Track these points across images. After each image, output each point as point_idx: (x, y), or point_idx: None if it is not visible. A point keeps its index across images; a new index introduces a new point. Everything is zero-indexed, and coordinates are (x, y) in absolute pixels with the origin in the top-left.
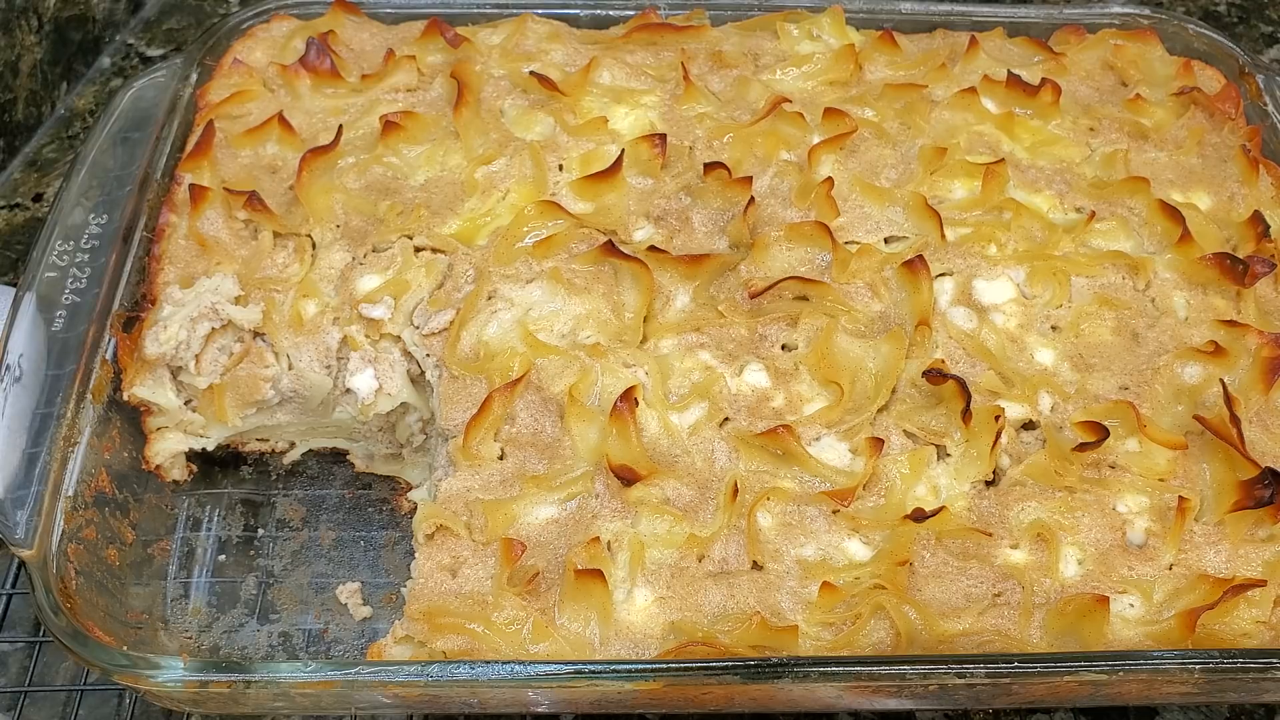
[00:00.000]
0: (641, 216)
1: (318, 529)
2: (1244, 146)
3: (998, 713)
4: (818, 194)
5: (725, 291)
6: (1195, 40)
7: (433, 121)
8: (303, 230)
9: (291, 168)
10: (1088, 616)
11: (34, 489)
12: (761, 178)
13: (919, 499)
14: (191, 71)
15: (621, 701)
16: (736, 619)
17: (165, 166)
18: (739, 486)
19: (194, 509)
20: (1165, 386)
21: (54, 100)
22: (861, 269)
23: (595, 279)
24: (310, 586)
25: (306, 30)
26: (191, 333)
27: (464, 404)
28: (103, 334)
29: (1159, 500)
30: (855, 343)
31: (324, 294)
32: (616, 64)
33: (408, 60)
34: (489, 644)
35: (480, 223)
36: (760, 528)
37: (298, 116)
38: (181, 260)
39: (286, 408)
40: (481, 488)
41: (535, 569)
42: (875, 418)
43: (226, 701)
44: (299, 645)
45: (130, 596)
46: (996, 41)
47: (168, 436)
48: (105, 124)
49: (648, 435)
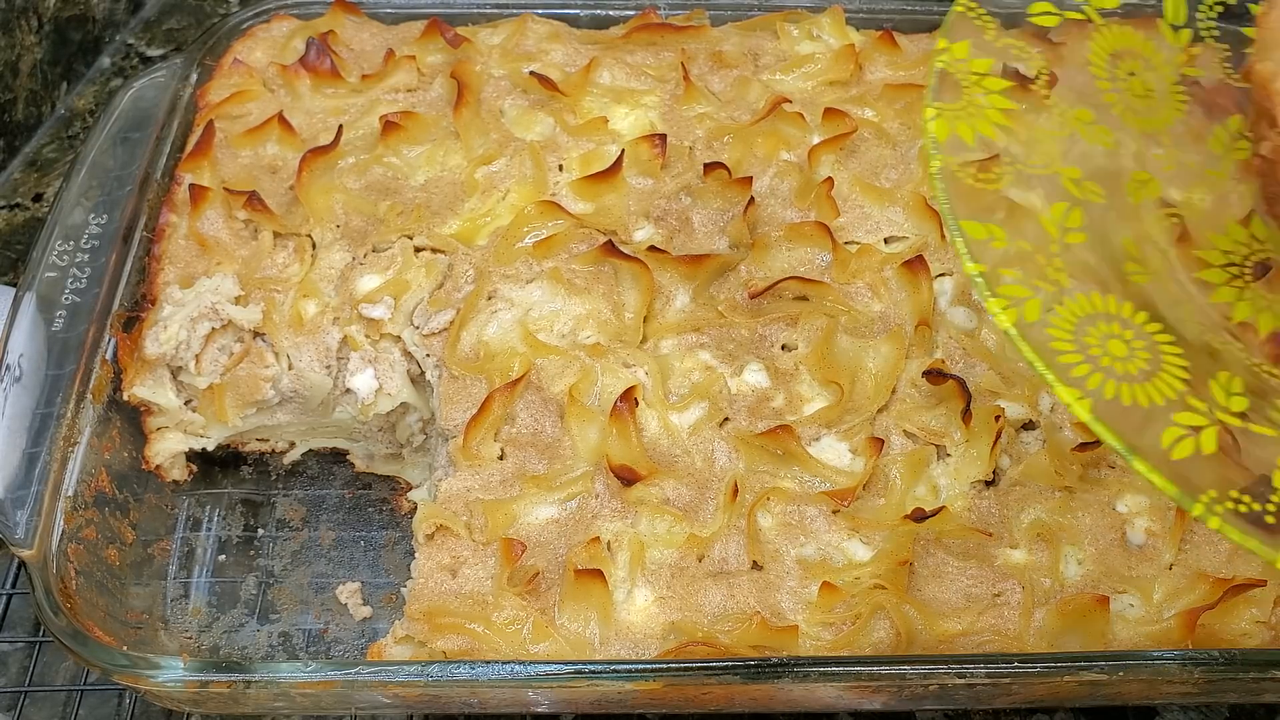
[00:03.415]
0: (641, 216)
1: (318, 529)
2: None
3: (998, 713)
4: (818, 194)
5: (725, 291)
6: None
7: (433, 122)
8: (303, 230)
9: (291, 168)
10: (1088, 616)
11: (34, 489)
12: (761, 178)
13: (919, 499)
14: (191, 71)
15: (621, 701)
16: (736, 619)
17: (165, 166)
18: (739, 486)
19: (194, 509)
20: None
21: (54, 100)
22: (861, 269)
23: (595, 279)
24: (310, 586)
25: (306, 30)
26: (191, 333)
27: (464, 404)
28: (103, 334)
29: (1159, 500)
30: (855, 343)
31: (324, 294)
32: (616, 64)
33: (408, 60)
34: (489, 644)
35: (480, 223)
36: (760, 528)
37: (298, 116)
38: (181, 260)
39: (286, 408)
40: (481, 488)
41: (535, 569)
42: (875, 418)
43: (226, 701)
44: (299, 645)
45: (130, 596)
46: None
47: (168, 436)
48: (105, 124)
49: (648, 435)
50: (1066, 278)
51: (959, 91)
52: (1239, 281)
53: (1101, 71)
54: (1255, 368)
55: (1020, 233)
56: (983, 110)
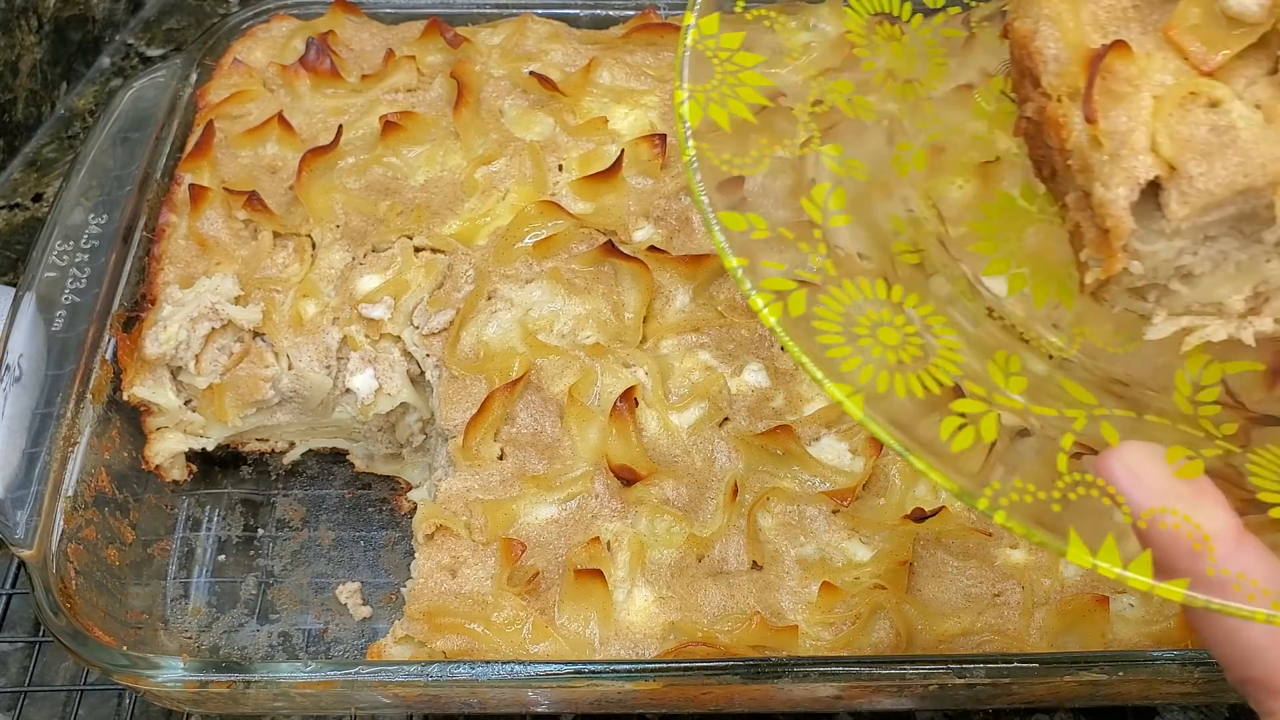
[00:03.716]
0: (641, 216)
1: (318, 529)
2: None
3: (998, 713)
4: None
5: (725, 291)
6: None
7: (432, 122)
8: (303, 230)
9: (291, 168)
10: (1088, 616)
11: (34, 489)
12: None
13: (919, 499)
14: (191, 72)
15: (621, 701)
16: (736, 619)
17: (165, 166)
18: (739, 486)
19: (194, 509)
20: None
21: (54, 100)
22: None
23: (595, 279)
24: (310, 586)
25: (306, 30)
26: (191, 333)
27: (464, 404)
28: (102, 334)
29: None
30: None
31: (324, 294)
32: (616, 64)
33: (407, 60)
34: (489, 644)
35: (480, 223)
36: (760, 527)
37: (298, 116)
38: (181, 260)
39: (286, 408)
40: (481, 488)
41: (535, 569)
42: None
43: (226, 701)
44: (299, 645)
45: (130, 596)
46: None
47: (167, 436)
48: (105, 124)
49: (648, 435)
50: (833, 265)
51: (711, 70)
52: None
53: (859, 39)
54: (1037, 343)
55: (782, 219)
56: (736, 90)
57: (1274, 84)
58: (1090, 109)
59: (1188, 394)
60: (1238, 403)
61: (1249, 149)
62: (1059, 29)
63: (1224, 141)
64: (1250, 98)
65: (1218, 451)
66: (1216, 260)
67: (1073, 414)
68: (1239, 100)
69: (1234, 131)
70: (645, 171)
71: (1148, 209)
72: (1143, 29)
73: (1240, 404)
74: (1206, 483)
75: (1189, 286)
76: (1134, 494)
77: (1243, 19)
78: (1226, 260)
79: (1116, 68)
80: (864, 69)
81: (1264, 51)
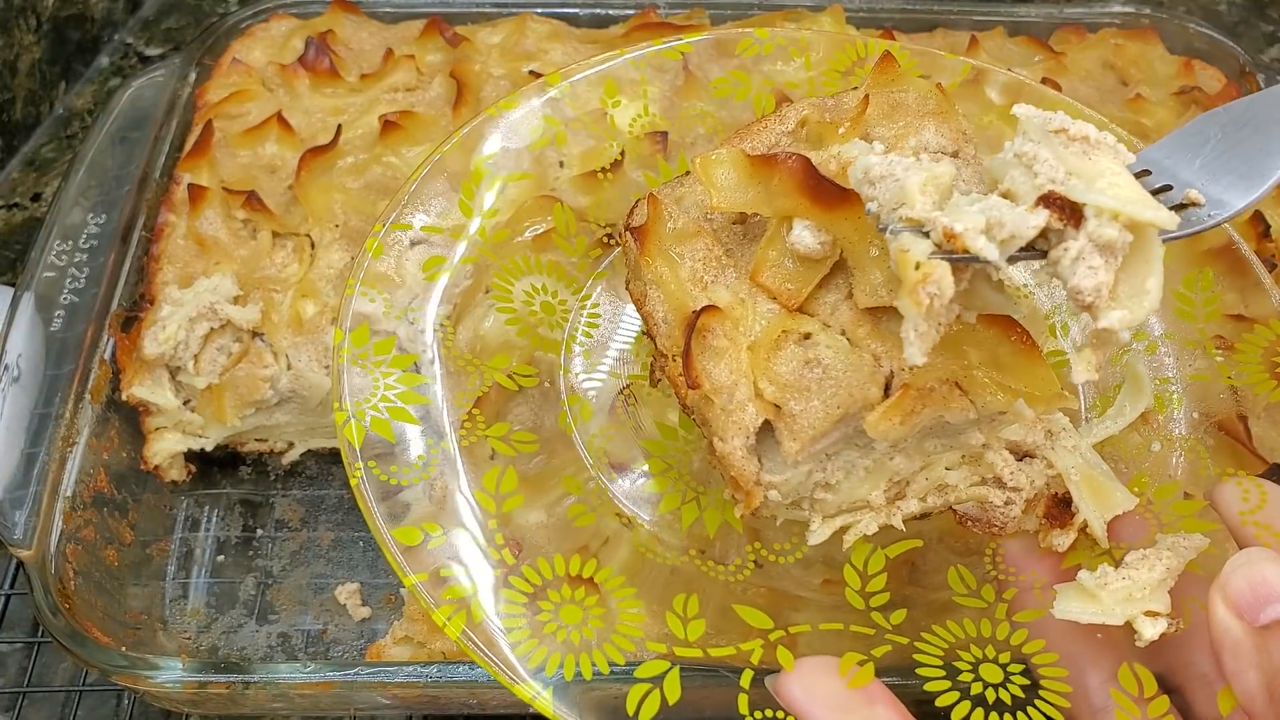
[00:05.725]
0: None
1: (316, 529)
2: None
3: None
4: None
5: None
6: (1196, 39)
7: (432, 121)
8: (302, 230)
9: (290, 167)
10: None
11: (32, 489)
12: None
13: None
14: (190, 71)
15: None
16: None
17: (164, 166)
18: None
19: (193, 509)
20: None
21: (52, 100)
22: None
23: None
24: (309, 587)
25: (305, 30)
26: (190, 333)
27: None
28: (101, 334)
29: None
30: None
31: (323, 294)
32: None
33: (407, 59)
34: None
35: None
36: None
37: (297, 116)
38: (180, 260)
39: (285, 408)
40: None
41: None
42: None
43: (225, 702)
44: (298, 646)
45: (129, 597)
46: (997, 40)
47: (166, 437)
48: (104, 124)
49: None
50: (511, 554)
51: (369, 382)
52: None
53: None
54: (714, 572)
55: (456, 517)
56: (397, 395)
57: (852, 308)
58: (692, 376)
59: (858, 587)
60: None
61: (839, 378)
62: (663, 292)
63: (816, 376)
64: (836, 324)
65: (887, 648)
66: (847, 469)
67: (749, 646)
68: (826, 329)
69: (823, 365)
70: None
71: (769, 444)
72: (738, 274)
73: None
74: (877, 687)
75: (833, 493)
76: (810, 712)
77: (810, 257)
78: (855, 467)
79: (712, 326)
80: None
81: (841, 277)
